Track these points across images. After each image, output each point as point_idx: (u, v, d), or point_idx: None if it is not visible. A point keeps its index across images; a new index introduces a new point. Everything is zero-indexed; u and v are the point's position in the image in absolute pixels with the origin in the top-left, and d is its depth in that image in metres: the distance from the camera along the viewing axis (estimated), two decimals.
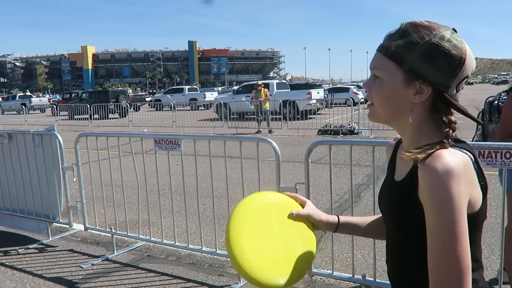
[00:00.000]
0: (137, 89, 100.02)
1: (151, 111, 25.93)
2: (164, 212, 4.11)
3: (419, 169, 0.93)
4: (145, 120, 19.11)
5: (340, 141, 3.86)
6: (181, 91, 33.45)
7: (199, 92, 34.86)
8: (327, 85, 42.62)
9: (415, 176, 0.96)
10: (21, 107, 28.12)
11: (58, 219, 4.42)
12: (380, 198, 1.17)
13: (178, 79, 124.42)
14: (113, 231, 4.07)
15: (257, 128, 14.37)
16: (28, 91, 69.56)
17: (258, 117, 14.54)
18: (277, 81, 21.37)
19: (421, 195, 0.94)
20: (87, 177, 4.44)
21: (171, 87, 41.68)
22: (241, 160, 3.51)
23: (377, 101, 1.04)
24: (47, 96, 56.02)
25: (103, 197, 4.33)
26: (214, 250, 3.65)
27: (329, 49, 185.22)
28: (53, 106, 27.09)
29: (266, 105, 14.54)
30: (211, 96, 31.37)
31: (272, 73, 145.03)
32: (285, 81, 24.02)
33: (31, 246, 4.31)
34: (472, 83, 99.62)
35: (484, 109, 3.17)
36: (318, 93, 19.53)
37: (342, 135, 12.83)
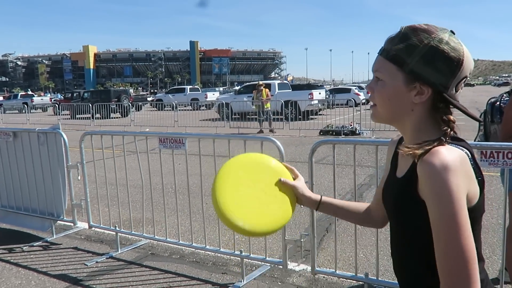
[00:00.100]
0: (139, 89, 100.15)
1: (153, 111, 25.91)
2: (167, 210, 4.13)
3: (418, 165, 0.97)
4: (147, 119, 19.14)
5: (343, 141, 3.89)
6: (182, 91, 33.47)
7: (201, 92, 34.87)
8: (329, 86, 42.64)
9: (414, 172, 0.99)
10: (23, 106, 28.15)
11: (62, 217, 4.45)
12: (383, 194, 1.22)
13: (179, 79, 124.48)
14: (117, 229, 4.11)
15: (259, 128, 14.40)
16: (29, 90, 69.75)
17: (259, 117, 14.57)
18: (278, 82, 21.40)
19: (421, 191, 0.98)
20: (91, 175, 4.47)
21: (172, 87, 41.72)
22: None
23: (379, 102, 1.08)
24: (49, 95, 56.08)
25: (108, 195, 4.36)
26: (217, 248, 3.68)
27: (330, 50, 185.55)
28: (55, 105, 27.20)
29: (267, 105, 14.57)
30: (212, 96, 31.40)
31: (273, 73, 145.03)
32: (286, 82, 24.05)
33: (35, 243, 4.34)
34: (473, 85, 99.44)
35: (486, 110, 3.20)
36: (319, 93, 19.53)
37: (343, 136, 12.86)
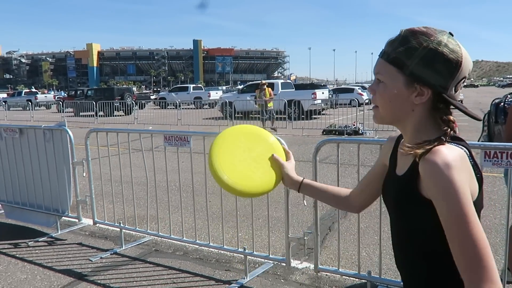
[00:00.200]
0: (142, 87, 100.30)
1: (156, 109, 26.01)
2: (171, 208, 4.16)
3: (420, 164, 0.99)
4: (150, 118, 19.17)
5: (348, 140, 3.90)
6: (186, 89, 33.48)
7: (204, 91, 34.88)
8: (332, 86, 42.60)
9: (415, 170, 1.02)
10: (27, 103, 28.29)
11: (67, 213, 4.49)
12: (383, 192, 1.25)
13: (182, 78, 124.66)
14: (122, 225, 4.14)
15: (262, 127, 14.42)
16: (33, 87, 70.05)
17: (262, 116, 14.60)
18: (282, 81, 21.39)
19: (424, 190, 1.00)
20: (96, 172, 4.50)
21: (176, 86, 41.78)
22: None
23: (381, 104, 1.11)
24: (52, 92, 56.24)
25: (112, 192, 4.40)
26: (221, 245, 3.71)
27: (334, 50, 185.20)
28: (58, 102, 27.27)
29: (270, 104, 14.59)
30: (215, 95, 31.43)
31: (276, 73, 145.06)
32: (290, 81, 24.05)
33: (40, 239, 4.38)
34: (477, 86, 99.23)
35: (490, 111, 3.21)
36: (322, 93, 19.54)
37: (346, 136, 12.86)
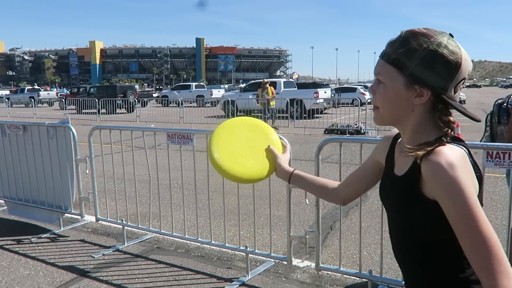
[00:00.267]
0: (144, 85, 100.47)
1: (158, 107, 26.04)
2: (173, 206, 4.18)
3: (423, 165, 1.00)
4: (152, 115, 19.20)
5: (350, 139, 3.91)
6: (188, 87, 33.53)
7: (206, 89, 34.91)
8: (334, 85, 42.53)
9: (416, 171, 1.03)
10: (30, 100, 28.35)
11: (70, 210, 4.51)
12: (381, 191, 1.26)
13: (185, 76, 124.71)
14: (124, 222, 4.16)
15: None
16: (36, 84, 70.14)
17: (264, 115, 14.60)
18: (284, 80, 21.39)
19: (427, 190, 1.01)
20: (98, 169, 4.53)
21: (178, 84, 41.77)
22: None
23: (381, 104, 1.12)
24: (55, 90, 56.39)
25: (115, 189, 4.42)
26: (223, 243, 3.72)
27: (336, 49, 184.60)
28: (61, 99, 27.35)
29: (272, 103, 14.60)
30: (218, 93, 31.45)
31: (279, 71, 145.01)
32: (292, 80, 24.03)
33: (43, 235, 4.41)
34: (480, 86, 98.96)
35: (493, 111, 3.22)
36: (325, 92, 19.52)
37: (348, 135, 12.86)
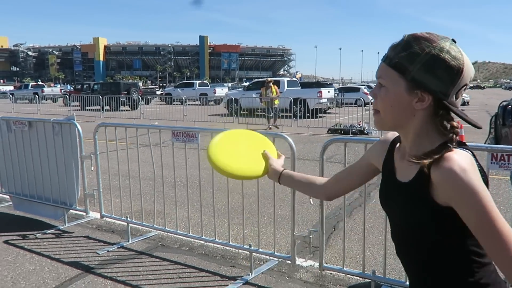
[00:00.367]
0: (147, 82, 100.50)
1: (162, 104, 26.05)
2: (178, 203, 4.21)
3: (433, 172, 1.00)
4: (156, 113, 19.24)
5: (355, 139, 3.92)
6: (191, 85, 33.52)
7: (210, 87, 34.90)
8: (337, 85, 42.46)
9: (423, 178, 1.02)
10: (34, 96, 28.43)
11: (75, 206, 4.54)
12: (383, 197, 1.23)
13: (188, 74, 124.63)
14: (129, 219, 4.19)
15: (267, 125, 14.45)
16: (40, 80, 70.38)
17: (268, 114, 14.61)
18: (288, 79, 21.41)
19: (439, 196, 1.01)
20: (103, 166, 4.55)
21: (181, 81, 41.72)
22: None
23: (382, 108, 1.11)
24: (59, 86, 56.55)
25: (120, 186, 4.45)
26: (226, 242, 3.75)
27: (340, 49, 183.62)
28: (65, 96, 27.42)
29: (276, 102, 14.60)
30: (221, 91, 31.44)
31: (282, 70, 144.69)
32: (295, 79, 24.03)
33: (48, 231, 4.44)
34: (483, 88, 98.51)
35: (497, 113, 3.23)
36: (328, 92, 19.50)
37: (352, 135, 12.85)
